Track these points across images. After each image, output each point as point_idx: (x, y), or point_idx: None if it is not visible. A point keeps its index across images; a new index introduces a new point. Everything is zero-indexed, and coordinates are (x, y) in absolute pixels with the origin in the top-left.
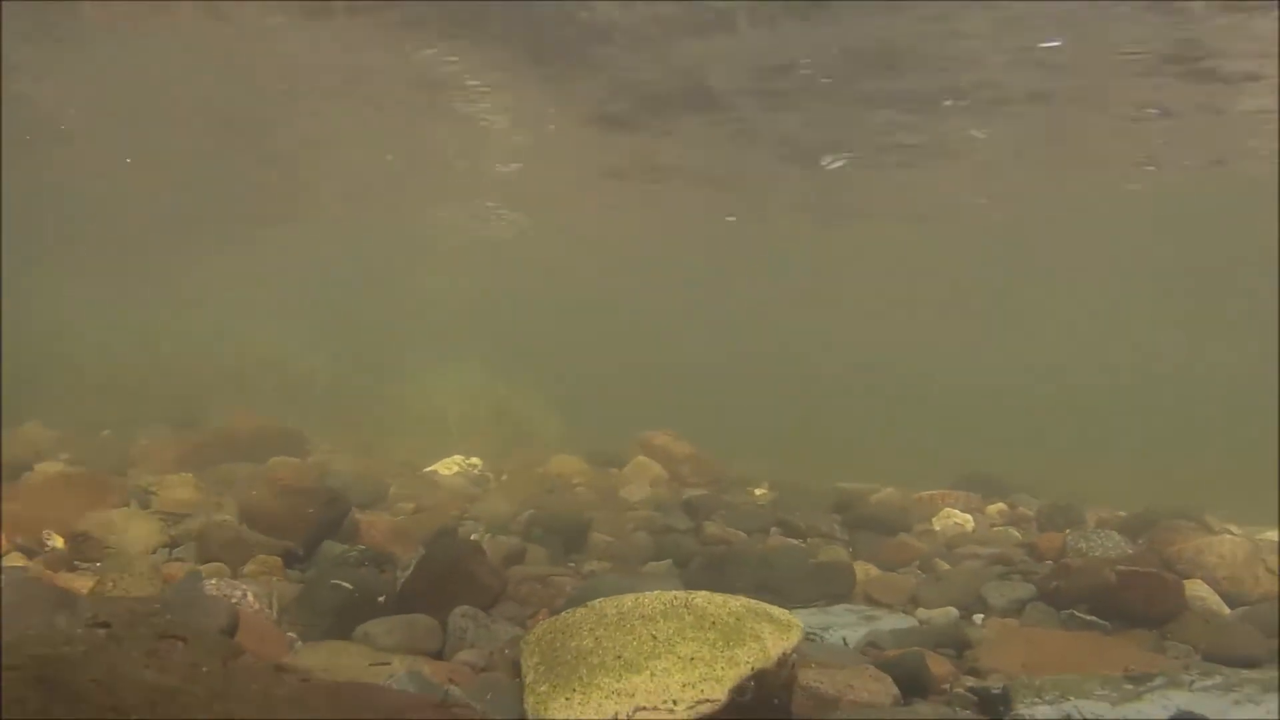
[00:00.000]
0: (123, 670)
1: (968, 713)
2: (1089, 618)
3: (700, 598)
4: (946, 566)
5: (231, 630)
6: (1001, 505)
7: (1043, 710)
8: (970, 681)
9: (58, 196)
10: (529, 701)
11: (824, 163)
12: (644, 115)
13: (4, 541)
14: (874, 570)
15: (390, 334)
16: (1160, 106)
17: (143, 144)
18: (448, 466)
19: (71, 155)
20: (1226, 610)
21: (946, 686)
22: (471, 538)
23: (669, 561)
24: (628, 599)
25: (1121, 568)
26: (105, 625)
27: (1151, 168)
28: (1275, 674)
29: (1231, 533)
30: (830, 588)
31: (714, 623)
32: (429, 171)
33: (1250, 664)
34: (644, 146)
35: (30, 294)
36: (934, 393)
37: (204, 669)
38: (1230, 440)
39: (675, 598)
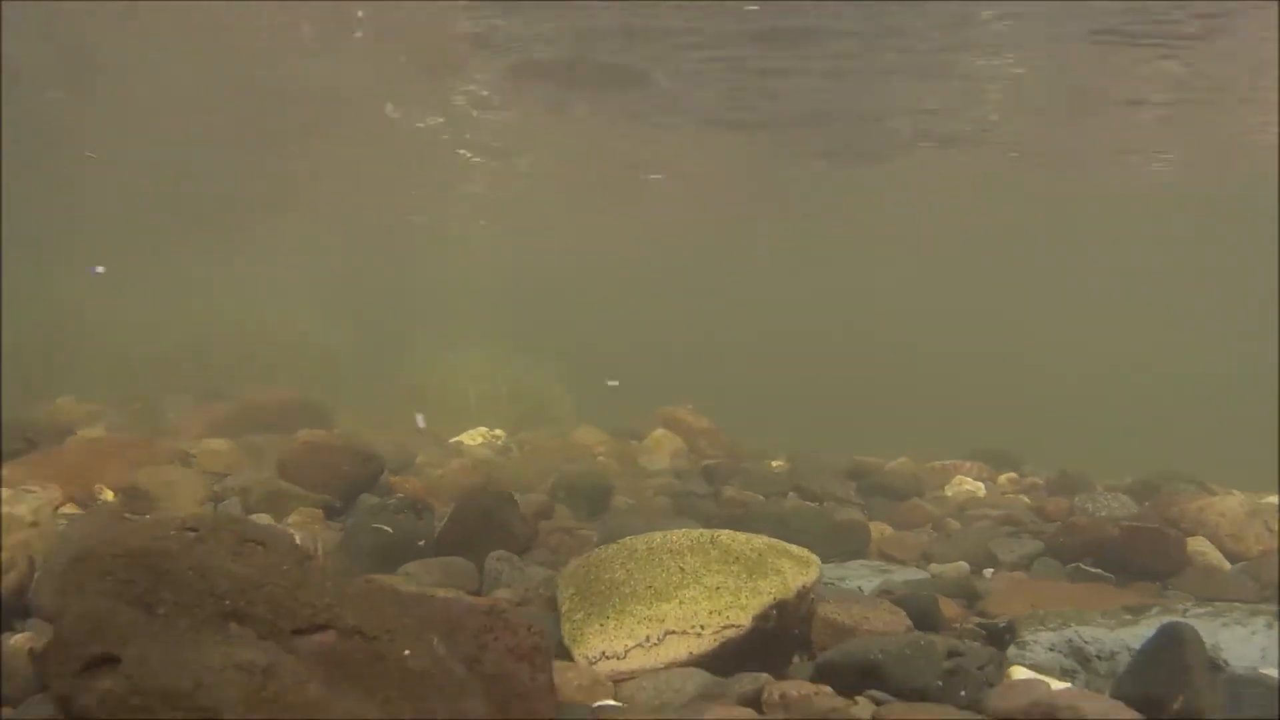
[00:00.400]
0: (213, 563)
1: (976, 643)
2: (1094, 570)
3: (725, 535)
4: (957, 526)
5: None
6: (1012, 474)
7: (1045, 636)
8: (979, 619)
9: (87, 178)
10: (565, 628)
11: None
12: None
13: (58, 497)
14: (888, 530)
15: (412, 312)
16: None
17: (170, 123)
18: (472, 438)
19: (101, 132)
20: (1227, 565)
21: (956, 625)
22: None
23: (689, 522)
24: (656, 536)
25: (1125, 523)
26: (193, 530)
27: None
28: (1264, 605)
29: (1234, 494)
30: (846, 545)
31: (738, 557)
32: (447, 148)
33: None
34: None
35: (58, 274)
36: (948, 371)
37: (283, 567)
38: (1233, 414)
39: (701, 535)
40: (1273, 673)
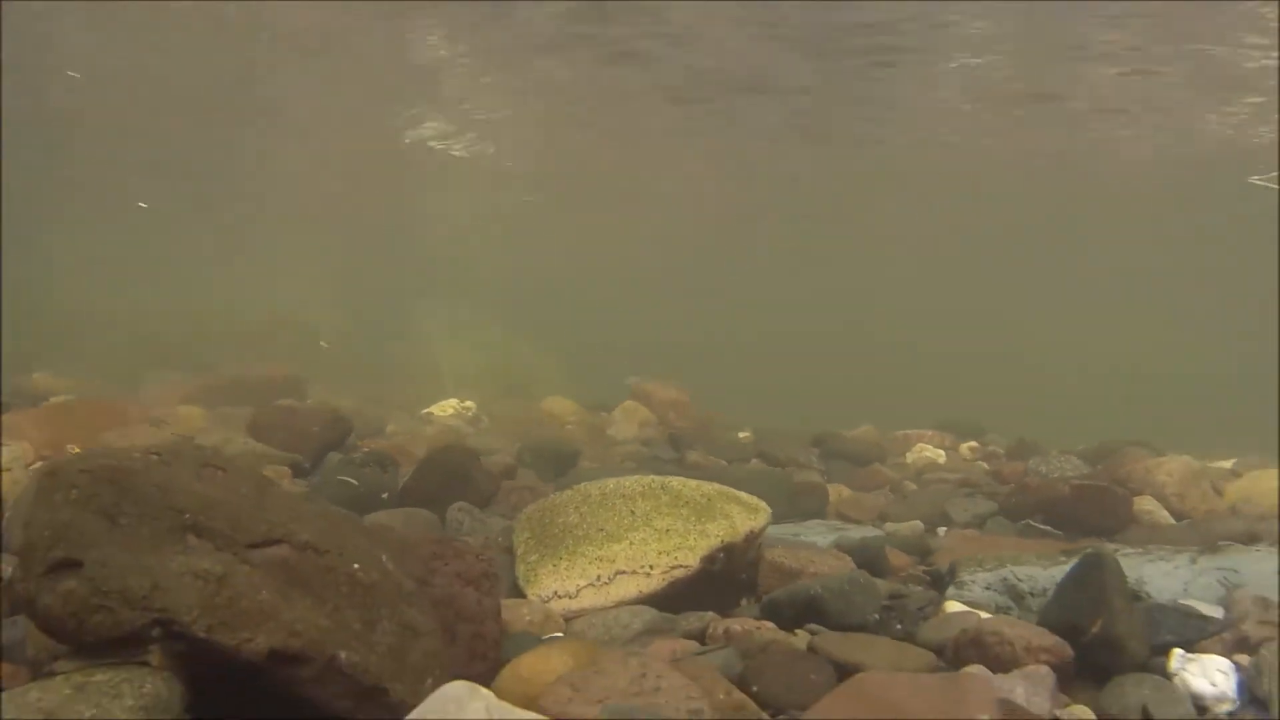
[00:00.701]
0: (176, 482)
1: (919, 588)
2: (1044, 527)
3: (675, 481)
4: (915, 488)
5: None
6: (973, 443)
7: (982, 576)
8: (925, 569)
9: (71, 153)
10: (520, 570)
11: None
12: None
13: (31, 454)
14: (846, 491)
15: (393, 290)
16: None
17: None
18: (443, 409)
19: (86, 110)
20: (1172, 522)
21: (904, 573)
22: None
23: None
24: (609, 482)
25: (1075, 482)
26: (157, 454)
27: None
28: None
29: (1182, 457)
30: (804, 506)
31: (688, 502)
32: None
33: None
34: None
35: (40, 249)
36: (915, 346)
37: (243, 490)
38: (1198, 384)
39: (653, 481)
40: (1192, 604)
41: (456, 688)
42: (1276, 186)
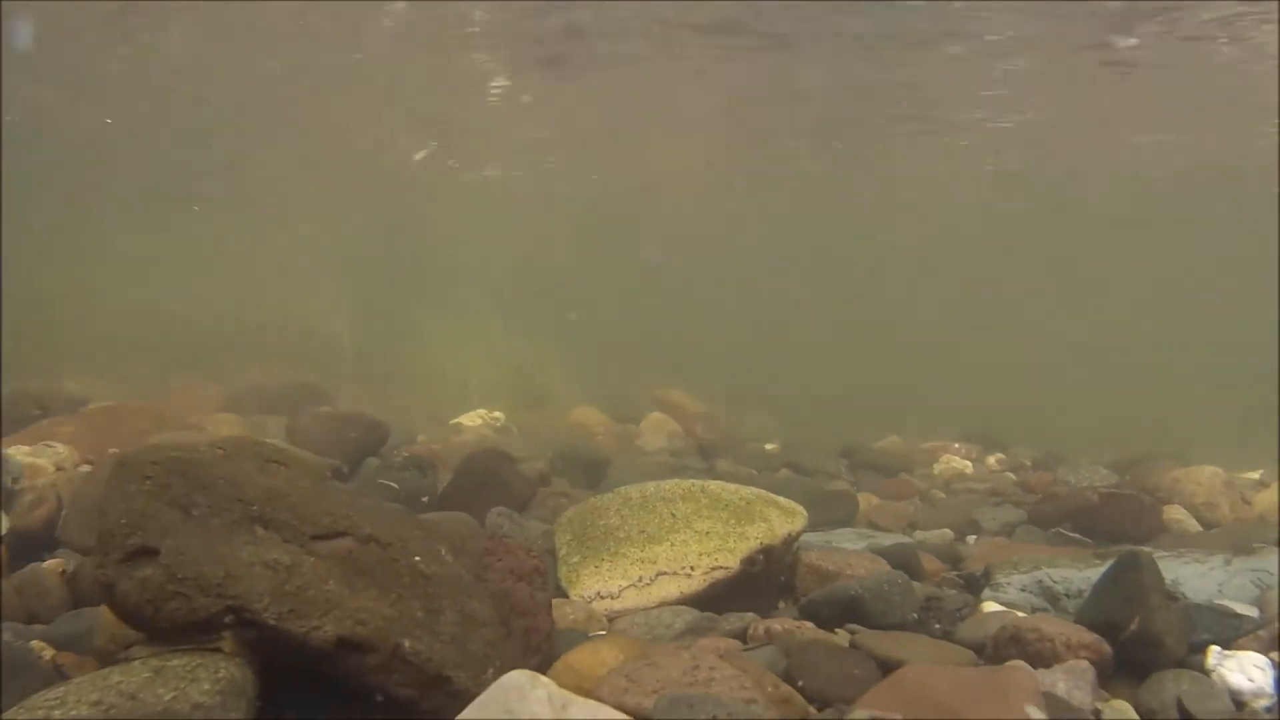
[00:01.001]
0: (242, 475)
1: (953, 591)
2: (1073, 535)
3: (714, 485)
4: (943, 497)
5: None
6: (1000, 455)
7: (1018, 578)
8: (957, 573)
9: (82, 157)
10: (562, 571)
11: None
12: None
13: (76, 457)
14: (875, 500)
15: (412, 296)
16: None
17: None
18: (471, 419)
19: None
20: (1202, 531)
21: (937, 578)
22: None
23: None
24: (649, 485)
25: (1104, 490)
26: (222, 449)
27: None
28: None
29: (1210, 467)
30: (834, 513)
31: (727, 505)
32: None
33: None
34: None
35: (55, 255)
36: (944, 355)
37: (303, 483)
38: (1222, 396)
39: (692, 484)
40: (1227, 604)
41: (518, 676)
42: None
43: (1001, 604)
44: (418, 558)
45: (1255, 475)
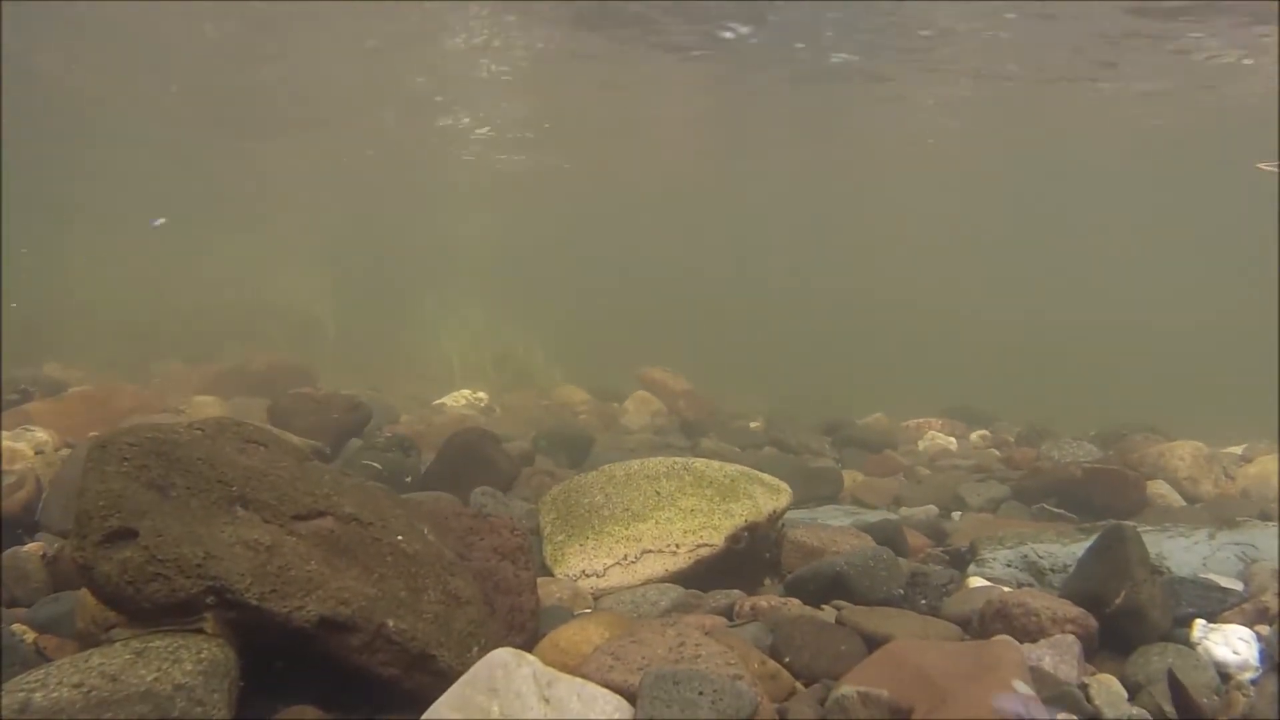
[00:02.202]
0: (221, 455)
1: (939, 567)
2: (1058, 510)
3: (699, 462)
4: (928, 474)
5: None
6: (984, 431)
7: (1003, 554)
8: (943, 549)
9: (65, 147)
10: (546, 550)
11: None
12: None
13: (56, 440)
14: (860, 477)
15: (395, 279)
16: None
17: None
18: (455, 399)
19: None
20: (1185, 505)
21: (922, 554)
22: None
23: None
24: (634, 463)
25: (1088, 465)
26: (200, 429)
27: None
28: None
29: (1193, 443)
30: (819, 490)
31: (711, 482)
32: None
33: None
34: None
35: (41, 242)
36: (927, 330)
37: (284, 463)
38: (1209, 371)
39: (676, 462)
40: (1211, 577)
41: (503, 654)
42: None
43: (987, 579)
44: (400, 537)
45: (1238, 450)
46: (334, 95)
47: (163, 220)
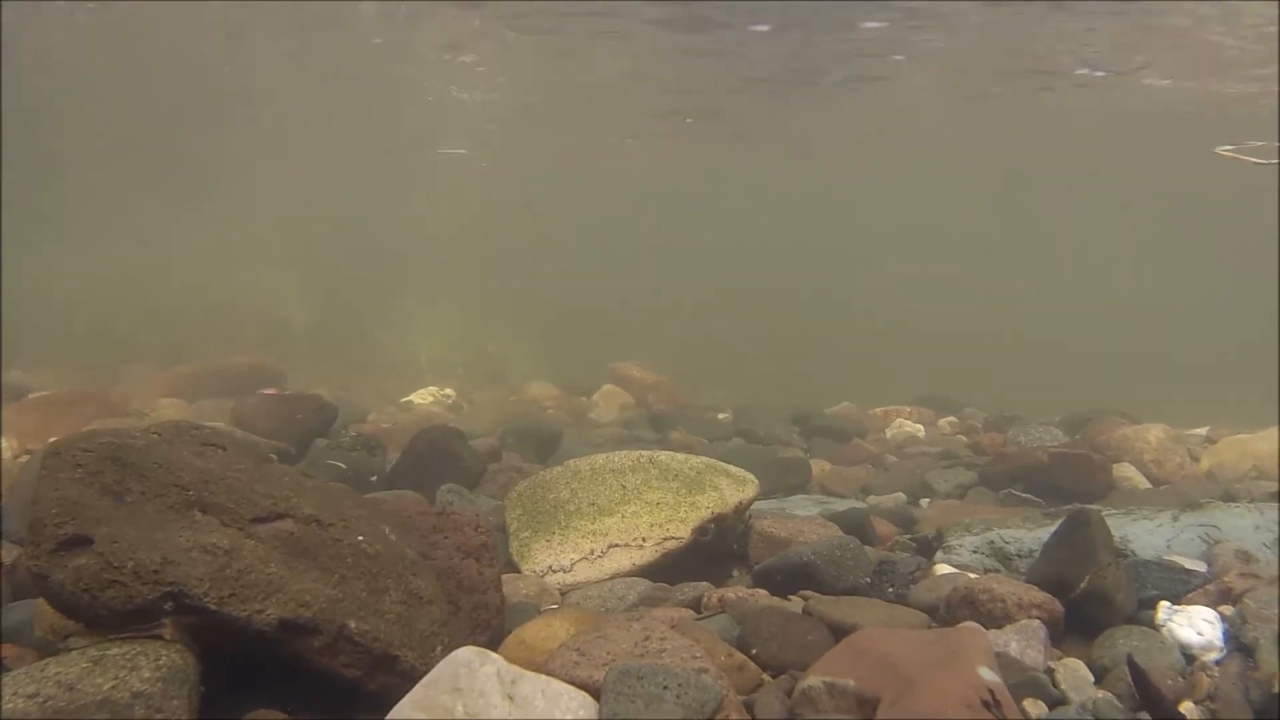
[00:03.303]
0: (177, 459)
1: (906, 555)
2: (1025, 495)
3: (664, 455)
4: (896, 461)
5: None
6: (952, 418)
7: (969, 540)
8: (910, 537)
9: (38, 153)
10: (513, 547)
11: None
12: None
13: (16, 447)
14: (828, 466)
15: (366, 276)
16: None
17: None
18: (422, 396)
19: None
20: (1151, 488)
21: (890, 542)
22: None
23: None
24: (599, 457)
25: (1054, 449)
26: (157, 433)
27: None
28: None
29: (1158, 426)
30: (788, 480)
31: (677, 475)
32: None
33: None
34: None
35: (11, 247)
36: (892, 321)
37: (243, 467)
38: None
39: (641, 455)
40: (1175, 560)
41: (467, 653)
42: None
43: (954, 566)
44: (361, 537)
45: (1201, 432)
46: (304, 86)
47: None
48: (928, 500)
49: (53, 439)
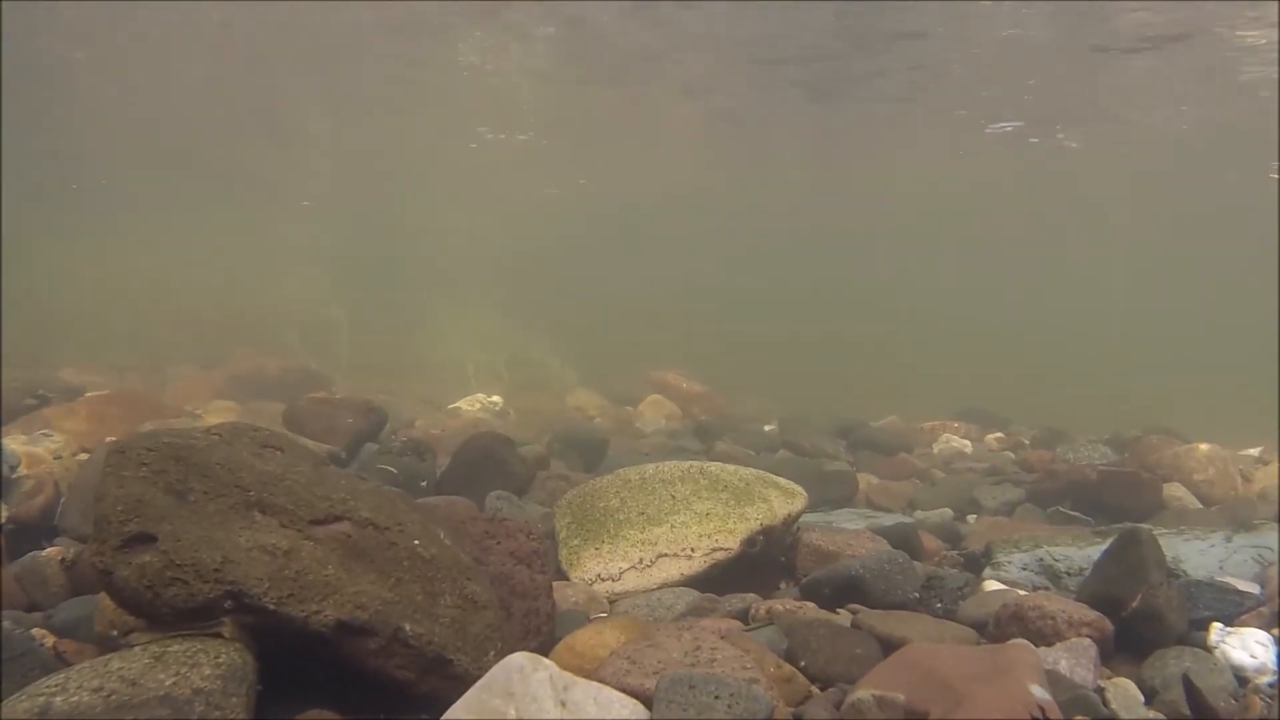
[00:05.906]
0: (238, 460)
1: (954, 570)
2: (1073, 513)
3: (714, 466)
4: (943, 477)
5: None
6: (999, 434)
7: (1018, 557)
8: (958, 552)
9: (71, 152)
10: (562, 554)
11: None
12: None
13: (74, 445)
14: (875, 480)
15: (409, 282)
16: None
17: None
18: (470, 404)
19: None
20: (1201, 508)
21: (937, 557)
22: None
23: None
24: (649, 467)
25: (1102, 467)
26: (218, 434)
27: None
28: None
29: (1209, 445)
30: (834, 493)
31: (726, 486)
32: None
33: None
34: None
35: (51, 247)
36: (941, 333)
37: (300, 467)
38: (1223, 372)
39: (691, 466)
40: (1228, 580)
41: (519, 659)
42: None
43: (1002, 582)
44: (416, 541)
45: (1254, 452)
46: (357, 97)
47: None
48: (974, 516)
49: (110, 438)
